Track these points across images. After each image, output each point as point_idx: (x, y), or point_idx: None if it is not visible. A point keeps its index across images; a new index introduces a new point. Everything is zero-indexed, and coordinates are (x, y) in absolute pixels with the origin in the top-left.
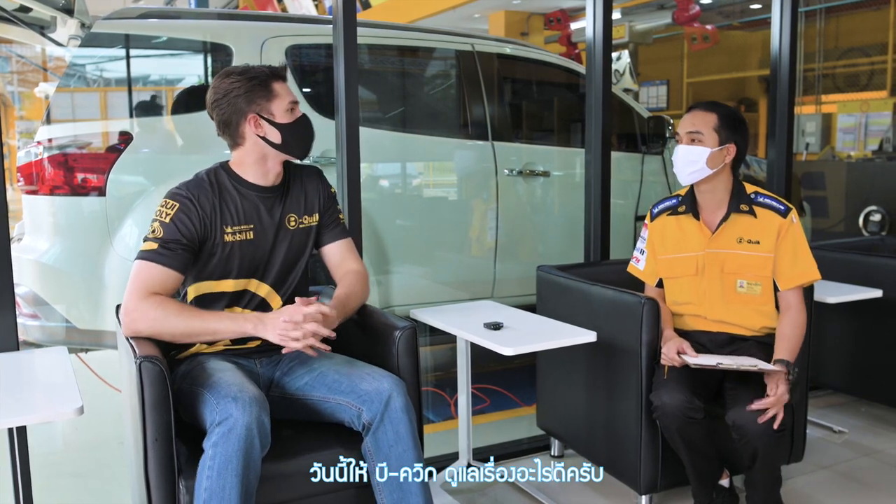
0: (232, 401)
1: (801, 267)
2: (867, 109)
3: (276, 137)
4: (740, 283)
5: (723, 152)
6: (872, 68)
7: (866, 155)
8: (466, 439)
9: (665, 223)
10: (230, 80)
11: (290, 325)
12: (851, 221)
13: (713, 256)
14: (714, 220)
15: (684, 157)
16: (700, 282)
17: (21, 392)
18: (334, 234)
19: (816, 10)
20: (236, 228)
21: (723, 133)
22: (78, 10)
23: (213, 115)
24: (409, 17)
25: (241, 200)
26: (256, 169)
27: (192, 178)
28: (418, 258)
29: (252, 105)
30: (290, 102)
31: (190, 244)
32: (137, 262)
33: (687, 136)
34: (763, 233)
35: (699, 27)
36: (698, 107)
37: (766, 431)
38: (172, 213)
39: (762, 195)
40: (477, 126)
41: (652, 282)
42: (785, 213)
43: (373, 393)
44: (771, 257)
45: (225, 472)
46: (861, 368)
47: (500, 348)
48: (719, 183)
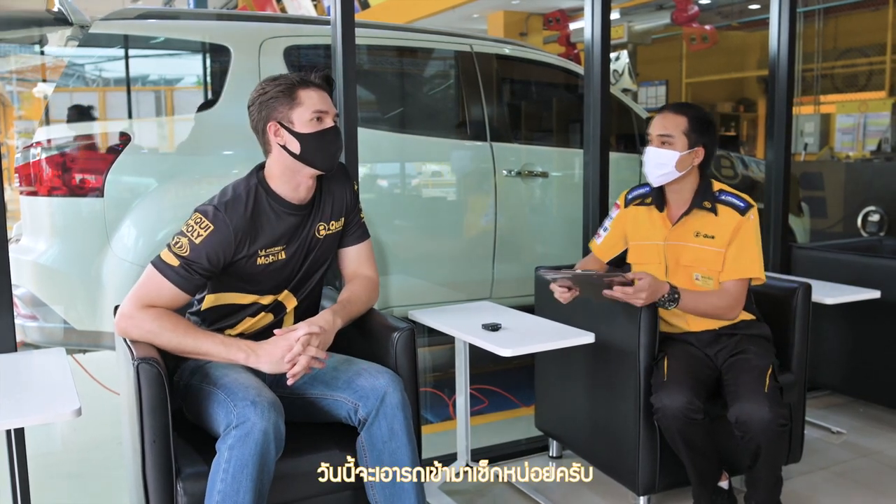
0: (251, 405)
1: (743, 262)
2: (866, 110)
3: (295, 147)
4: (696, 276)
5: (691, 155)
6: (871, 69)
7: (865, 155)
8: (465, 440)
9: (637, 212)
10: (262, 86)
11: (287, 363)
12: (850, 222)
13: (672, 248)
14: (677, 214)
15: (654, 159)
16: (664, 271)
17: (19, 393)
18: (355, 236)
19: (815, 10)
20: (269, 251)
21: (692, 136)
22: (73, 16)
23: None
24: (408, 18)
25: (276, 221)
26: (286, 182)
27: (230, 193)
28: (417, 259)
29: (274, 112)
30: (315, 111)
31: (212, 271)
32: (151, 270)
33: (658, 139)
34: (720, 229)
35: (698, 27)
36: (669, 109)
37: (769, 426)
38: (205, 236)
39: (726, 193)
40: (475, 127)
41: (604, 258)
42: (744, 211)
43: (369, 389)
44: (722, 253)
45: (240, 476)
46: (859, 369)
47: (499, 350)
48: (686, 184)
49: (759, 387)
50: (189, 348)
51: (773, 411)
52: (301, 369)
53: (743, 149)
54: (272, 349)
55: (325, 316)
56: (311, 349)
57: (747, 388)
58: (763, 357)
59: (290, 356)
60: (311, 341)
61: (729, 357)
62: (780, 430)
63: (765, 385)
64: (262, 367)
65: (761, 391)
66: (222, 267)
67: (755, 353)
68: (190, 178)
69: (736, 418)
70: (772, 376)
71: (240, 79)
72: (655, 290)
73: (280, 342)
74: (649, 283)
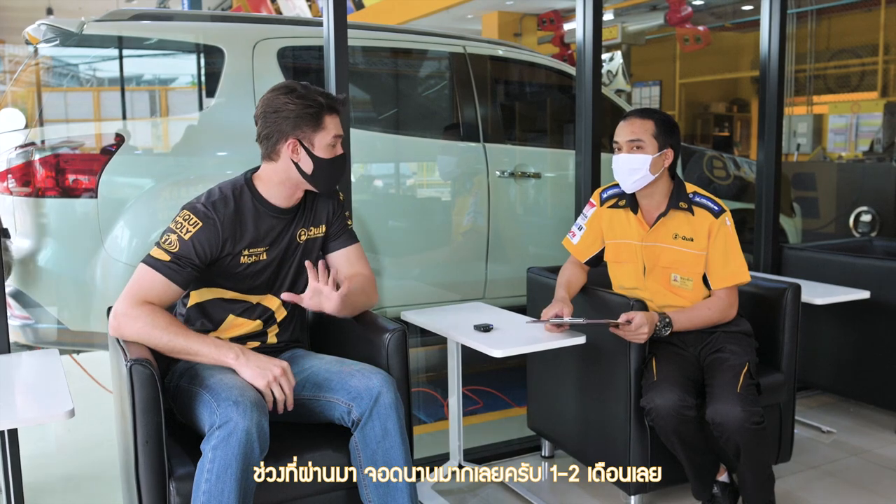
0: (233, 404)
1: (731, 268)
2: (858, 110)
3: (309, 168)
4: (674, 277)
5: (662, 157)
6: (863, 69)
7: (857, 156)
8: (457, 440)
9: (612, 212)
10: (286, 99)
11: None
12: (842, 222)
13: (649, 249)
14: (653, 216)
15: (627, 165)
16: (642, 271)
17: (12, 394)
18: (342, 241)
19: (808, 11)
20: (253, 251)
21: (661, 138)
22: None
23: (258, 124)
24: (403, 18)
25: (260, 222)
26: (280, 190)
27: (217, 193)
28: (410, 259)
29: (296, 130)
30: (335, 137)
31: (201, 265)
32: (143, 268)
33: (628, 145)
34: (697, 231)
35: (691, 28)
36: (634, 114)
37: (742, 426)
38: (194, 232)
39: (700, 195)
40: (468, 128)
41: (582, 258)
42: (717, 214)
43: (362, 389)
44: (703, 255)
45: (224, 475)
46: (849, 369)
47: (490, 350)
48: (658, 187)
49: (732, 387)
50: (180, 347)
51: (746, 410)
52: (272, 396)
53: (736, 149)
54: (263, 361)
55: (339, 294)
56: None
57: (721, 389)
58: (739, 355)
59: (269, 381)
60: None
61: (709, 355)
62: (754, 428)
63: (738, 385)
64: (244, 374)
65: (734, 391)
66: (209, 263)
67: (732, 351)
68: (183, 178)
69: (711, 419)
70: (747, 375)
71: (233, 80)
72: (651, 321)
73: (274, 361)
74: (642, 318)
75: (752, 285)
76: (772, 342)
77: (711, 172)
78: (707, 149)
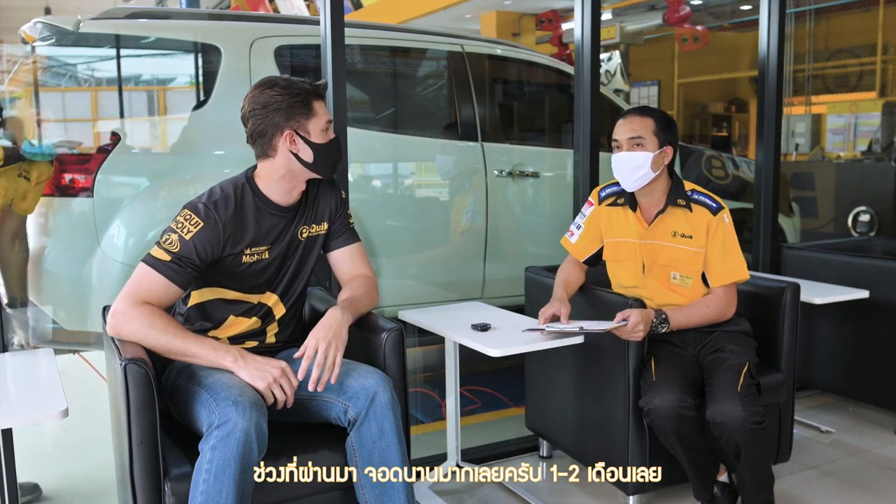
0: (232, 404)
1: (730, 266)
2: (856, 110)
3: (309, 156)
4: (673, 275)
5: (662, 154)
6: (862, 69)
7: (855, 156)
8: (455, 440)
9: (611, 211)
10: (272, 92)
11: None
12: (840, 222)
13: (648, 247)
14: (651, 214)
15: (628, 163)
16: (640, 269)
17: (6, 394)
18: (343, 239)
19: (806, 11)
20: (255, 250)
21: (661, 136)
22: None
23: (247, 124)
24: (401, 18)
25: (261, 221)
26: (281, 186)
27: (218, 192)
28: (408, 259)
29: (290, 121)
30: (327, 122)
31: (202, 266)
32: (143, 267)
33: (629, 143)
34: (696, 228)
35: (690, 28)
36: (634, 112)
37: (743, 426)
38: (195, 232)
39: (698, 192)
40: (466, 127)
41: (580, 257)
42: (716, 211)
43: (359, 389)
44: (702, 253)
45: (222, 476)
46: (848, 369)
47: (488, 350)
48: (657, 185)
49: (732, 387)
50: (178, 349)
51: (746, 410)
52: (273, 398)
53: (735, 149)
54: (261, 362)
55: (331, 314)
56: (287, 384)
57: (721, 389)
58: (739, 355)
59: (269, 382)
60: (329, 352)
61: (708, 355)
62: (754, 428)
63: (738, 384)
64: (243, 376)
65: (734, 391)
66: (210, 263)
67: (731, 350)
68: (180, 177)
69: (712, 419)
70: (747, 374)
71: (230, 78)
72: (647, 319)
73: (272, 362)
74: (638, 316)
75: (751, 285)
76: (771, 342)
77: (710, 172)
78: (706, 148)
